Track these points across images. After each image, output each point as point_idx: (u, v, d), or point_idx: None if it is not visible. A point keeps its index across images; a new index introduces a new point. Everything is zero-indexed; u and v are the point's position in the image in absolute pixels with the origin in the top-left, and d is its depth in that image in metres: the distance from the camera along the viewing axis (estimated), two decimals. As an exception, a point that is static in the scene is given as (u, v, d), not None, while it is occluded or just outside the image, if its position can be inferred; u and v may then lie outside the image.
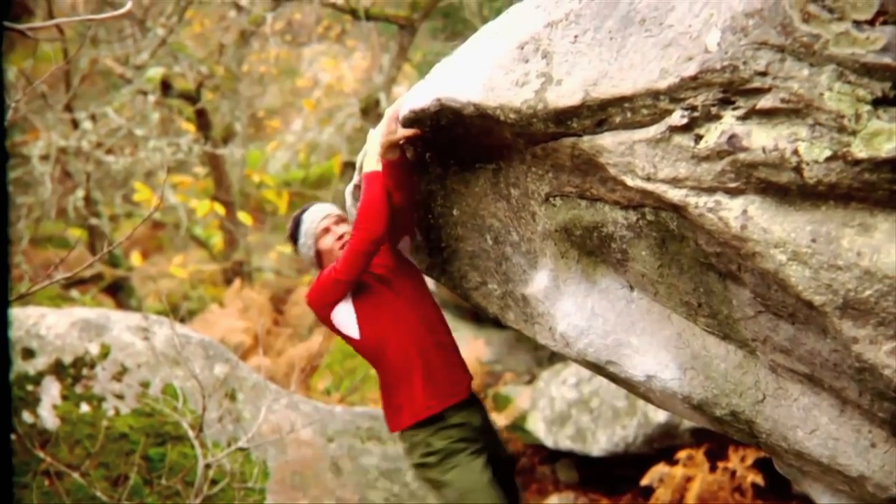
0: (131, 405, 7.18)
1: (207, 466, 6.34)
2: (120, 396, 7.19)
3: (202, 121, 15.38)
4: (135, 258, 14.84)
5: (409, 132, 4.52)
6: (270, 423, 7.22)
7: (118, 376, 7.21)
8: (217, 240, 16.88)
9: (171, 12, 13.86)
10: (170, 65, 14.94)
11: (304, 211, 4.97)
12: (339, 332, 4.82)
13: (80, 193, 13.32)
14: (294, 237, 4.97)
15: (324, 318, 4.80)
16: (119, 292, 13.57)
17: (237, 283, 15.31)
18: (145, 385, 7.25)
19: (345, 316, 4.73)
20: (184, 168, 17.02)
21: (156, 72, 14.25)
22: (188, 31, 17.05)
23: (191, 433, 6.51)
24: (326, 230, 4.86)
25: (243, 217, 15.57)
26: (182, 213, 14.58)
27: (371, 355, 4.81)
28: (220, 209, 15.00)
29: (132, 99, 14.52)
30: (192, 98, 14.98)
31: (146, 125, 13.97)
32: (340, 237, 4.83)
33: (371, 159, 4.58)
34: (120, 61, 14.39)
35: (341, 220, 4.93)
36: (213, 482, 6.48)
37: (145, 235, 17.23)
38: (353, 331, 4.74)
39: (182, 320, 12.03)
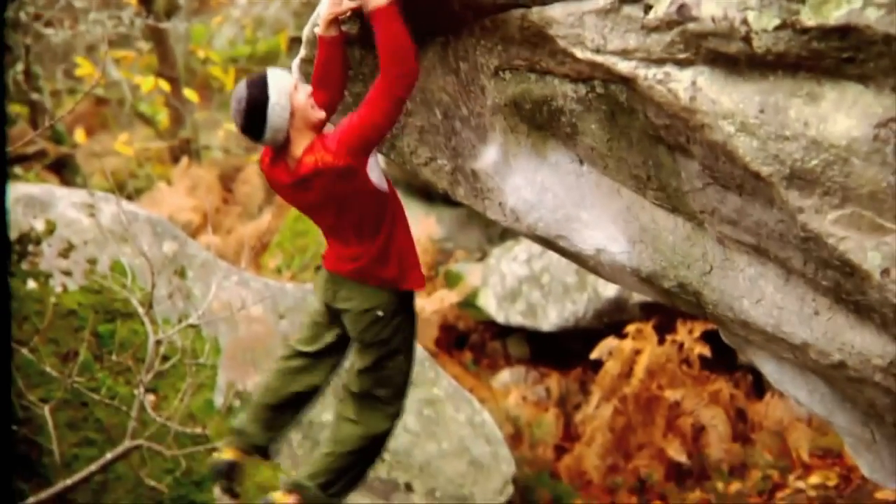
0: (79, 282, 7.14)
1: (158, 343, 6.35)
2: (67, 273, 7.15)
3: (144, -8, 14.99)
4: (79, 135, 14.57)
5: (353, 4, 4.42)
6: (221, 300, 7.22)
7: (65, 253, 7.15)
8: (163, 117, 16.61)
9: None
10: (106, -67, 14.49)
11: (258, 75, 4.49)
12: (359, 186, 4.39)
13: (20, 67, 13.00)
14: (261, 100, 4.38)
15: (355, 169, 4.33)
16: (63, 169, 13.34)
17: (185, 161, 15.13)
18: (93, 262, 7.21)
19: (378, 171, 4.42)
20: (126, 42, 16.62)
21: (92, -58, 13.82)
22: None
23: (140, 310, 6.50)
24: (295, 87, 4.54)
25: (189, 94, 15.31)
26: (126, 89, 14.29)
27: (390, 213, 4.56)
28: (166, 85, 14.72)
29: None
30: (132, -31, 14.57)
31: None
32: (310, 94, 4.53)
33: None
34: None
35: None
36: (165, 358, 6.50)
37: (89, 112, 16.91)
38: (384, 184, 4.49)
39: (129, 198, 11.91)
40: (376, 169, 4.46)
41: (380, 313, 4.65)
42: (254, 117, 4.40)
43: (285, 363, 4.95)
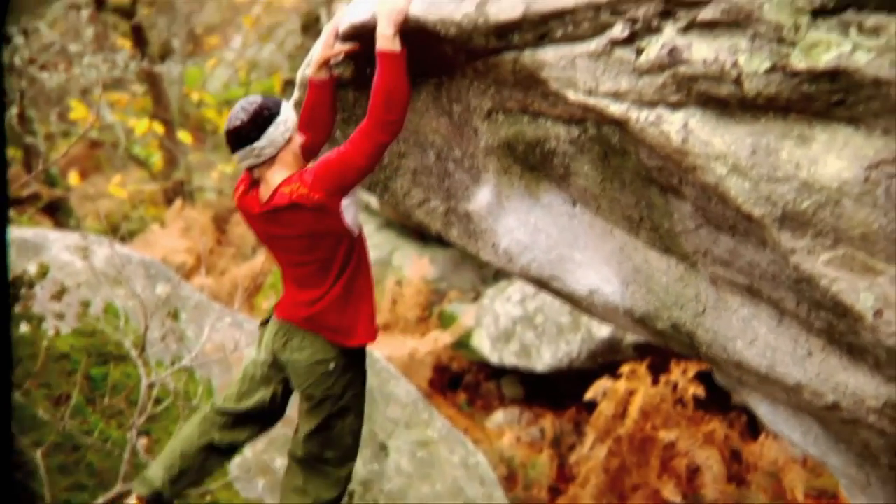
0: (72, 325, 7.13)
1: (151, 385, 6.32)
2: (60, 316, 7.13)
3: (138, 37, 15.08)
4: (73, 178, 14.62)
5: (346, 47, 4.45)
6: (214, 341, 7.19)
7: (58, 296, 7.14)
8: (157, 159, 16.67)
9: (102, -75, 13.50)
10: (104, -22, 14.59)
11: (270, 98, 4.43)
12: (331, 225, 4.34)
13: (14, 111, 13.05)
14: (272, 110, 4.36)
15: (330, 205, 4.29)
16: (57, 212, 13.35)
17: (178, 202, 15.16)
18: (86, 305, 7.19)
19: (353, 211, 4.34)
20: (121, 86, 16.71)
21: (89, -14, 13.92)
22: (122, -55, 16.61)
23: (133, 352, 6.48)
24: (298, 126, 4.53)
25: (183, 136, 15.38)
26: (120, 132, 14.33)
27: (356, 257, 4.51)
28: (160, 128, 14.79)
29: (65, 14, 14.18)
30: (127, 13, 14.67)
31: (80, 41, 13.67)
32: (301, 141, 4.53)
33: (386, 33, 4.30)
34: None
35: None
36: (157, 401, 6.47)
37: (83, 154, 16.96)
38: (356, 227, 4.41)
39: (122, 240, 11.91)
40: (352, 210, 4.37)
41: (331, 367, 4.51)
42: (258, 120, 4.33)
43: (209, 415, 4.78)
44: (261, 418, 4.75)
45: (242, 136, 4.33)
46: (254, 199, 4.45)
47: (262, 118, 4.33)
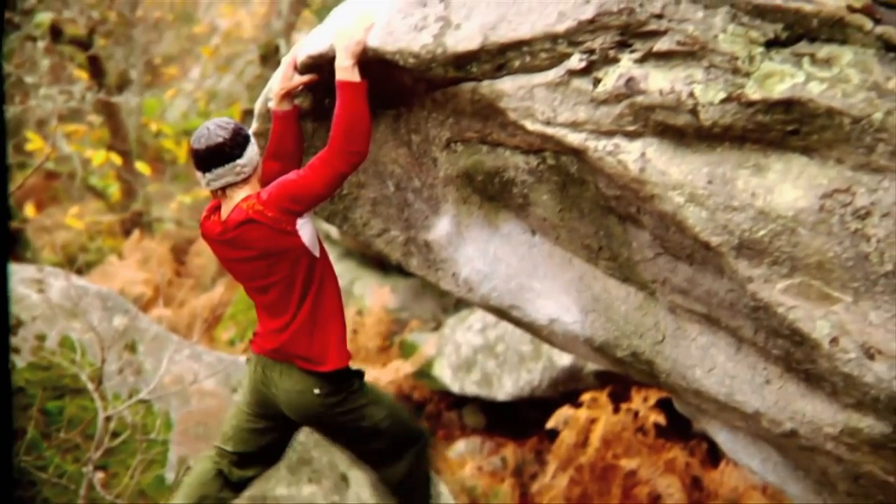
0: (27, 359, 7.03)
1: (108, 419, 6.24)
2: (16, 350, 7.03)
3: (95, 68, 15.00)
4: (29, 209, 14.47)
5: (305, 79, 4.45)
6: (172, 374, 7.12)
7: (13, 329, 7.04)
8: (115, 190, 16.55)
9: (59, -45, 13.45)
10: (59, 10, 14.50)
11: (238, 126, 4.40)
12: (287, 242, 4.30)
13: (-31, 143, 12.91)
14: (247, 135, 4.35)
15: (285, 222, 4.25)
16: (13, 245, 13.22)
17: (136, 233, 15.05)
18: (41, 338, 7.10)
19: (310, 230, 4.29)
20: (77, 117, 16.59)
21: (44, 17, 13.82)
22: (78, -25, 16.56)
23: (90, 385, 6.40)
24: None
25: (141, 167, 15.28)
26: (77, 163, 14.22)
27: (318, 278, 4.47)
28: (117, 159, 14.68)
29: (20, 45, 14.09)
30: (83, 44, 14.58)
31: (36, 72, 13.57)
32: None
33: (343, 64, 4.28)
34: (6, 6, 13.91)
35: None
36: (115, 434, 6.39)
37: (39, 186, 16.81)
38: (315, 247, 4.35)
39: (79, 272, 11.79)
40: (308, 228, 4.33)
41: (316, 391, 4.45)
42: (238, 138, 4.31)
43: (212, 455, 4.73)
44: (265, 458, 4.74)
45: (225, 152, 4.29)
46: (216, 223, 4.41)
47: (242, 136, 4.32)
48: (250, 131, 4.71)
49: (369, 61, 4.12)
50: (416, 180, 4.66)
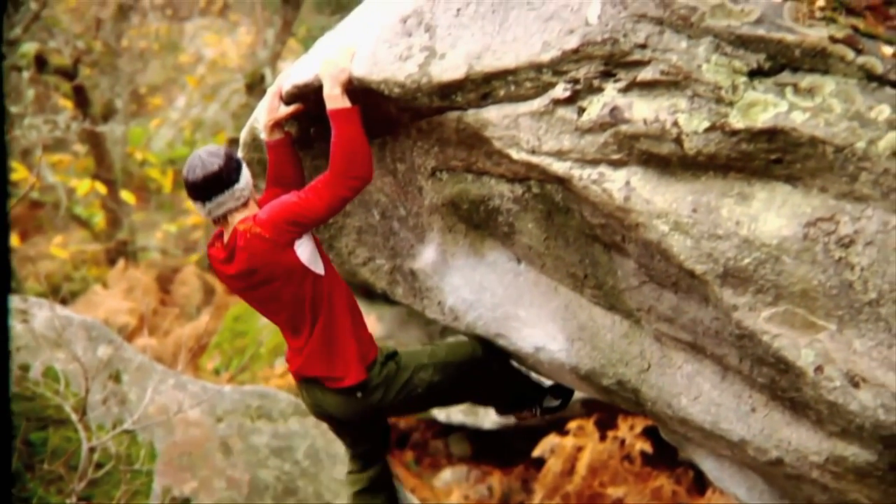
0: (11, 389, 6.99)
1: (91, 450, 6.21)
2: (-1, 381, 6.98)
3: (80, 97, 15.01)
4: (13, 239, 14.44)
5: (291, 109, 4.45)
6: (157, 403, 7.09)
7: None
8: (99, 219, 16.53)
9: (44, -15, 13.45)
10: (44, 40, 14.52)
11: (230, 152, 4.42)
12: (290, 265, 4.29)
13: (-47, 173, 12.87)
14: (239, 160, 4.35)
15: (283, 243, 4.24)
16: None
17: (121, 263, 15.02)
18: (25, 368, 7.06)
19: (310, 249, 4.29)
20: (62, 146, 16.59)
21: (30, 47, 13.84)
22: (63, 5, 16.58)
23: (74, 416, 6.38)
24: None
25: (126, 196, 15.27)
26: (62, 192, 14.20)
27: (325, 298, 4.44)
28: (102, 188, 14.68)
29: (6, 75, 14.08)
30: (68, 74, 14.59)
31: (21, 102, 13.56)
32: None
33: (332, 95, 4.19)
34: (-7, 37, 13.92)
35: None
36: (98, 465, 6.35)
37: (24, 215, 16.77)
38: (317, 265, 4.35)
39: (64, 302, 11.76)
40: (307, 246, 4.32)
41: (359, 395, 4.51)
42: (232, 164, 4.30)
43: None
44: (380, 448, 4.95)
45: (223, 179, 4.27)
46: (219, 250, 4.42)
47: (236, 161, 4.32)
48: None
49: (354, 91, 4.13)
50: (402, 209, 4.67)
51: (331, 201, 4.20)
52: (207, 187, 4.27)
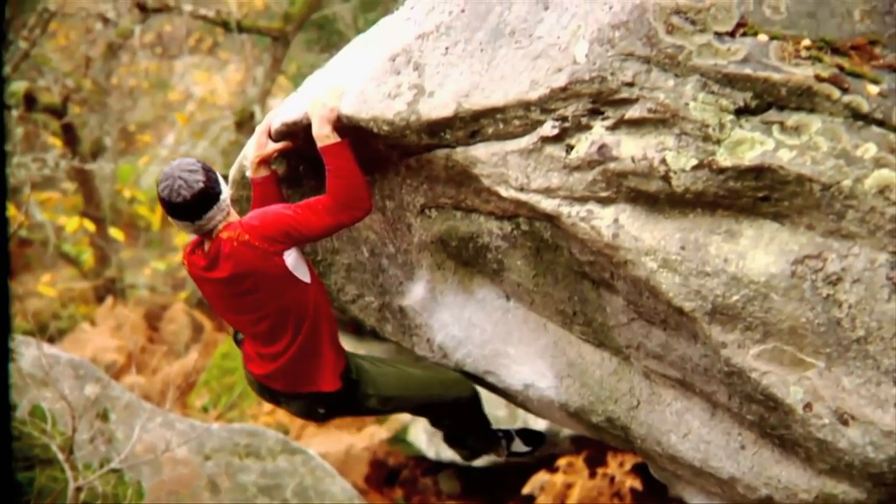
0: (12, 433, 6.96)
1: (78, 489, 6.17)
2: (-15, 420, 6.96)
3: (69, 135, 15.02)
4: (1, 277, 14.39)
5: (279, 146, 4.46)
6: (145, 442, 7.07)
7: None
8: (88, 257, 16.49)
9: (33, 24, 13.49)
10: (34, 78, 14.55)
11: (191, 158, 4.33)
12: (276, 273, 4.26)
13: (-59, 211, 12.85)
14: (216, 176, 4.27)
15: (272, 252, 4.21)
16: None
17: (109, 300, 14.98)
18: (12, 408, 7.03)
19: (294, 256, 4.23)
20: (51, 184, 16.59)
21: (19, 86, 13.86)
22: (53, 44, 16.63)
23: (60, 455, 6.34)
24: None
25: (115, 233, 15.25)
26: (50, 231, 14.18)
27: (311, 305, 4.41)
28: (90, 225, 14.66)
29: (-2, 114, 14.10)
30: (58, 112, 14.61)
31: (10, 141, 13.57)
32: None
33: (320, 132, 4.21)
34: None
35: None
36: (85, 505, 6.31)
37: (12, 254, 16.71)
38: (304, 274, 4.30)
39: (51, 340, 11.71)
40: (291, 254, 4.27)
41: (321, 410, 4.54)
42: (212, 176, 4.24)
43: None
44: None
45: (211, 195, 4.21)
46: (199, 256, 4.37)
47: (213, 172, 4.27)
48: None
49: (343, 129, 4.14)
50: (391, 246, 4.67)
51: (329, 225, 4.21)
52: (197, 206, 4.21)
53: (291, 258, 4.26)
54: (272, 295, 4.30)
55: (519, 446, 5.05)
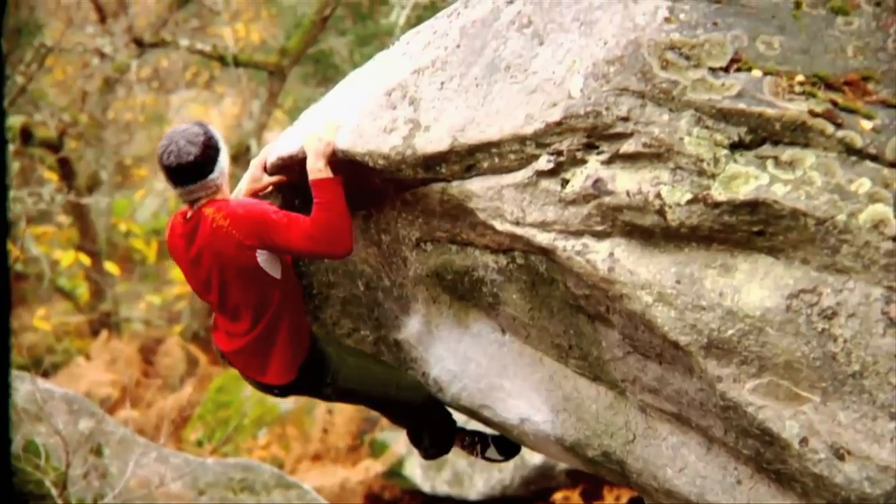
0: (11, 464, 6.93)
1: (72, 525, 6.14)
2: (-22, 456, 6.92)
3: (65, 170, 15.06)
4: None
5: (274, 179, 4.48)
6: (139, 477, 7.04)
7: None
8: (83, 290, 16.48)
9: (30, 59, 13.55)
10: (30, 113, 14.59)
11: (204, 124, 4.32)
12: (246, 264, 4.25)
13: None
14: (216, 146, 4.22)
15: (247, 246, 4.19)
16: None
17: (104, 334, 14.96)
18: (6, 443, 7.00)
19: (268, 255, 4.24)
20: (46, 218, 16.59)
21: (16, 120, 13.91)
22: (49, 79, 16.68)
23: (54, 491, 6.31)
24: None
25: (110, 267, 15.25)
26: (45, 265, 14.18)
27: (276, 300, 4.35)
28: (86, 259, 14.66)
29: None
30: (54, 146, 14.66)
31: (6, 175, 13.60)
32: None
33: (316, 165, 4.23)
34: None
35: None
36: (79, 541, 6.28)
37: (7, 287, 16.70)
38: (274, 269, 4.28)
39: (45, 374, 11.68)
40: (264, 253, 4.26)
41: (276, 392, 4.62)
42: (209, 152, 4.21)
43: None
44: None
45: (195, 171, 4.19)
46: (179, 223, 4.37)
47: (213, 149, 4.23)
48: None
49: (339, 163, 4.16)
50: (386, 280, 4.68)
51: (303, 249, 4.21)
52: (180, 175, 4.20)
53: (264, 253, 4.25)
54: (237, 284, 4.32)
55: (493, 454, 5.05)
